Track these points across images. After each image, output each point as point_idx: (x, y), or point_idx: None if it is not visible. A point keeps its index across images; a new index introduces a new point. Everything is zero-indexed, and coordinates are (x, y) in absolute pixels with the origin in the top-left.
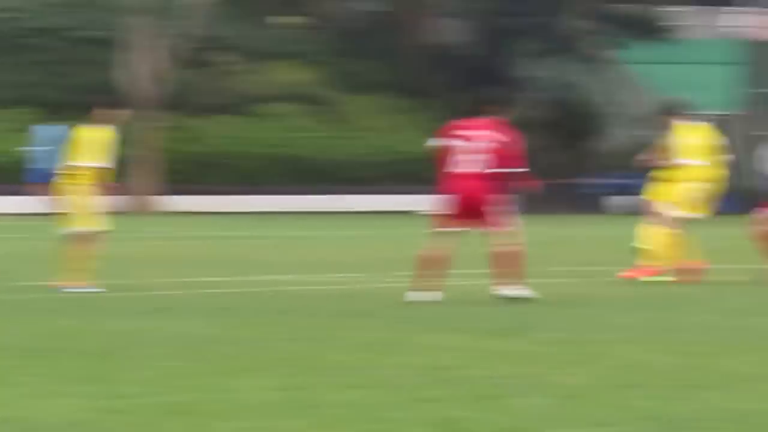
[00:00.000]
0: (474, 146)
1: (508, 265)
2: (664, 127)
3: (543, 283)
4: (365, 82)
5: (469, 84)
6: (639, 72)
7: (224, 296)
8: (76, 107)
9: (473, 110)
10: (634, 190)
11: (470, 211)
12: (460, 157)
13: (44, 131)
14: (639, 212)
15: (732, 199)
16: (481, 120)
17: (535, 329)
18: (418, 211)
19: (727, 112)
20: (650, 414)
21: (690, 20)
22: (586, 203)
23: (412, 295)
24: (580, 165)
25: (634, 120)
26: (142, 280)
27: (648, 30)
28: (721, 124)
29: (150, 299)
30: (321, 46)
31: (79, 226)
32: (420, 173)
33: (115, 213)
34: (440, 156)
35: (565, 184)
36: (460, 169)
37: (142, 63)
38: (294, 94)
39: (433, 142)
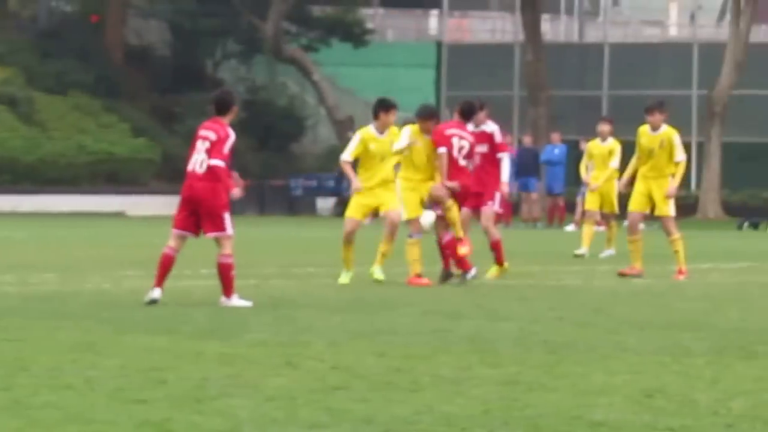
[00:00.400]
0: (199, 146)
1: (226, 276)
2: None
3: (254, 284)
4: (62, 82)
5: (169, 85)
6: (340, 74)
7: None
8: None
9: (216, 110)
10: (339, 193)
11: (192, 211)
12: (193, 157)
13: None
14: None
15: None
16: (209, 121)
17: (244, 331)
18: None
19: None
20: (364, 417)
21: (388, 23)
22: (298, 204)
23: (154, 294)
24: (290, 166)
25: (338, 122)
26: None
27: (349, 33)
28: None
29: None
30: (14, 45)
31: None
32: (121, 174)
33: None
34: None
35: (277, 185)
36: (189, 169)
37: None
38: None
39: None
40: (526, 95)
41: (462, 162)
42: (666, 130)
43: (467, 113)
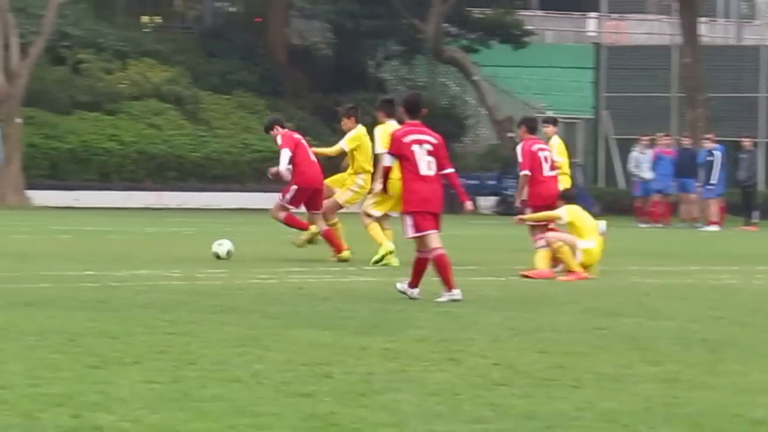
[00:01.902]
0: (420, 150)
1: (447, 269)
2: None
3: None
4: (227, 81)
5: (332, 84)
6: (499, 75)
7: (99, 290)
8: None
9: (410, 113)
10: (498, 191)
11: (432, 212)
12: (419, 161)
13: None
14: (505, 213)
15: (588, 199)
16: (411, 125)
17: (407, 327)
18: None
19: (582, 116)
20: (527, 412)
21: (546, 25)
22: (460, 203)
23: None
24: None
25: (497, 122)
26: (10, 273)
27: (508, 34)
28: (578, 127)
29: (21, 292)
30: (180, 45)
31: None
32: None
33: None
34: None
35: None
36: (422, 173)
37: (3, 60)
38: (153, 92)
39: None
40: (684, 97)
41: (550, 173)
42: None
43: (534, 128)
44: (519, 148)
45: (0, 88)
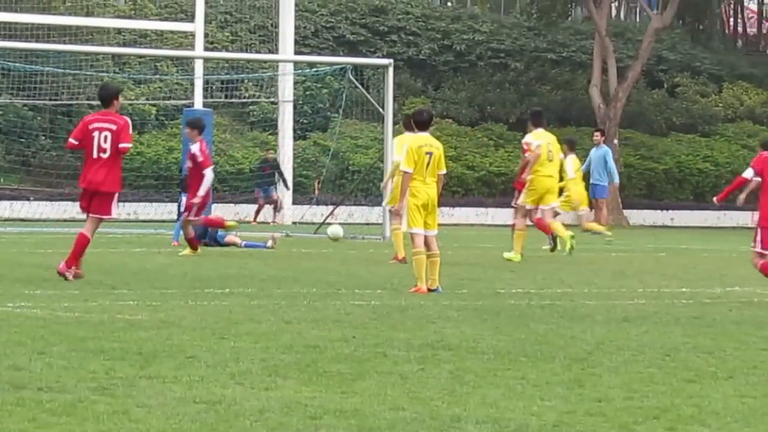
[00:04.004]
0: None
1: None
2: None
3: None
4: None
5: None
6: None
7: (693, 306)
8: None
9: None
10: None
11: None
12: None
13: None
14: None
15: None
16: None
17: None
18: None
19: None
20: None
21: None
22: None
23: None
24: None
25: None
26: (608, 289)
27: None
28: None
29: (618, 308)
30: None
31: None
32: None
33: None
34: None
35: None
36: None
37: (601, 83)
38: (747, 114)
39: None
40: None
41: None
42: None
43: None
44: None
45: (599, 112)
